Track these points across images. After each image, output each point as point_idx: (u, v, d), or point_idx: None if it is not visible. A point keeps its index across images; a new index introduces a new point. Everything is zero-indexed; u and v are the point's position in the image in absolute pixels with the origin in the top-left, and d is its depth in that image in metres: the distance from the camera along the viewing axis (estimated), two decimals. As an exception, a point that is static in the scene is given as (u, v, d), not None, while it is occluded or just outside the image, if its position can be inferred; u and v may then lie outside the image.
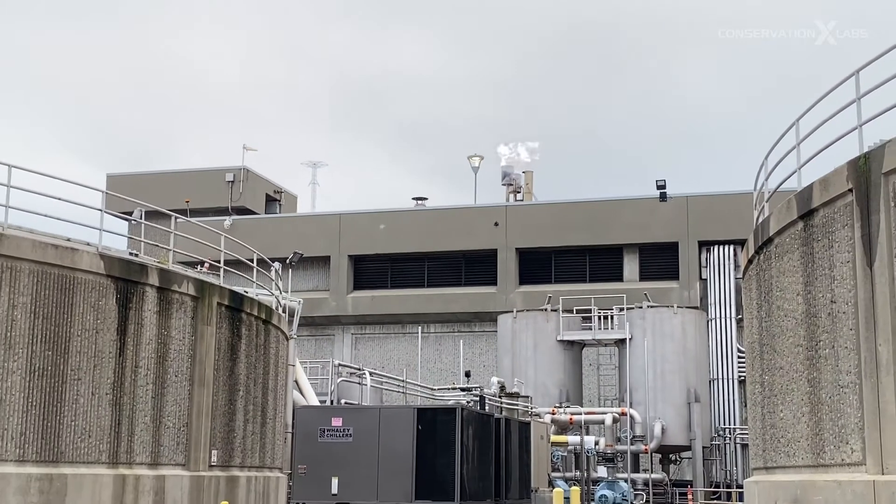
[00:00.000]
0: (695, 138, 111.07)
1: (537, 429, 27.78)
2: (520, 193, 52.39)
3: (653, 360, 38.92)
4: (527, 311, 42.56)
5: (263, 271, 21.83)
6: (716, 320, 44.07)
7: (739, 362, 42.30)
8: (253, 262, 20.54)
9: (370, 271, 50.95)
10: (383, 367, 44.32)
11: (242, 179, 53.46)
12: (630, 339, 39.86)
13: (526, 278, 48.47)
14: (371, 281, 50.75)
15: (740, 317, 40.71)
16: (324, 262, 50.50)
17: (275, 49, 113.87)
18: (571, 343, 41.49)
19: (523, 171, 52.84)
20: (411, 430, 15.01)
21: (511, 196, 52.29)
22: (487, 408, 29.27)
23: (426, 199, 54.49)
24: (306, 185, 61.18)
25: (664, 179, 44.85)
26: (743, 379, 40.41)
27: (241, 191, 53.41)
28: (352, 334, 50.54)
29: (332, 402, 27.75)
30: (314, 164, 60.16)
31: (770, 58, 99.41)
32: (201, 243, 19.95)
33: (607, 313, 40.97)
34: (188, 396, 16.55)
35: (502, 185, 52.82)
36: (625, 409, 37.79)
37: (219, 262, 19.14)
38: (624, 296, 41.37)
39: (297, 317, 23.59)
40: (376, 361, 47.03)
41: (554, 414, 35.72)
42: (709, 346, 42.83)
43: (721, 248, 44.96)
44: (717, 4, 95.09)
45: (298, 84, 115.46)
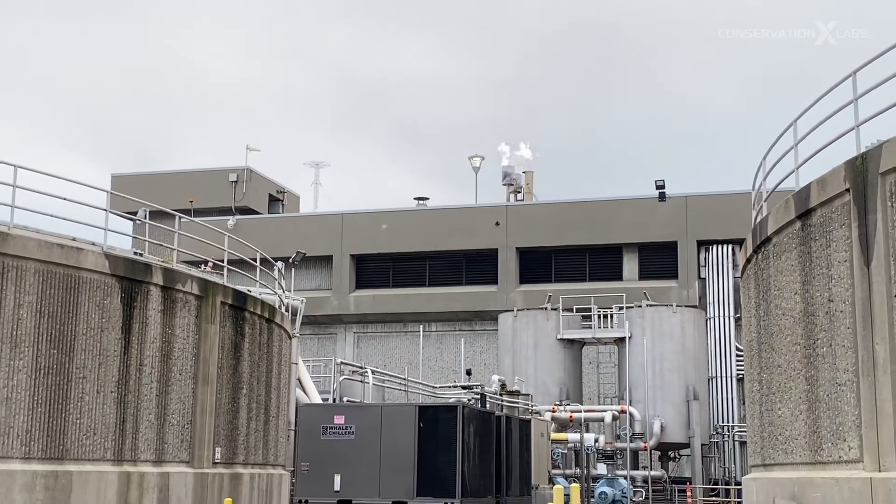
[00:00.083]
0: (694, 138, 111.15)
1: (538, 426, 27.83)
2: (520, 193, 52.42)
3: (652, 359, 39.01)
4: (527, 309, 42.61)
5: (266, 270, 21.88)
6: (714, 319, 44.14)
7: (738, 360, 42.37)
8: (256, 262, 20.64)
9: (372, 270, 51.03)
10: (385, 366, 44.34)
11: (246, 180, 53.51)
12: (629, 338, 39.93)
13: (526, 277, 48.54)
14: (373, 280, 50.82)
15: (739, 315, 40.93)
16: (326, 261, 50.58)
17: (276, 50, 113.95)
18: (571, 341, 41.56)
19: (524, 171, 52.87)
20: (413, 428, 15.08)
21: (511, 196, 52.33)
22: (488, 406, 29.38)
23: (427, 199, 54.55)
24: (309, 186, 61.40)
25: (663, 179, 44.96)
26: (741, 377, 40.45)
27: (245, 191, 53.47)
28: (354, 333, 50.62)
29: (334, 400, 27.71)
30: (316, 164, 60.26)
31: (770, 58, 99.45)
32: (205, 243, 20.05)
33: (607, 312, 41.03)
34: (192, 394, 16.61)
35: (503, 185, 52.89)
36: (624, 407, 37.82)
37: (222, 261, 19.24)
38: (623, 295, 41.44)
39: (299, 315, 23.65)
40: (378, 360, 47.10)
41: (554, 412, 35.77)
42: (707, 345, 42.88)
43: (719, 247, 45.03)
44: (717, 4, 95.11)
45: (300, 85, 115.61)
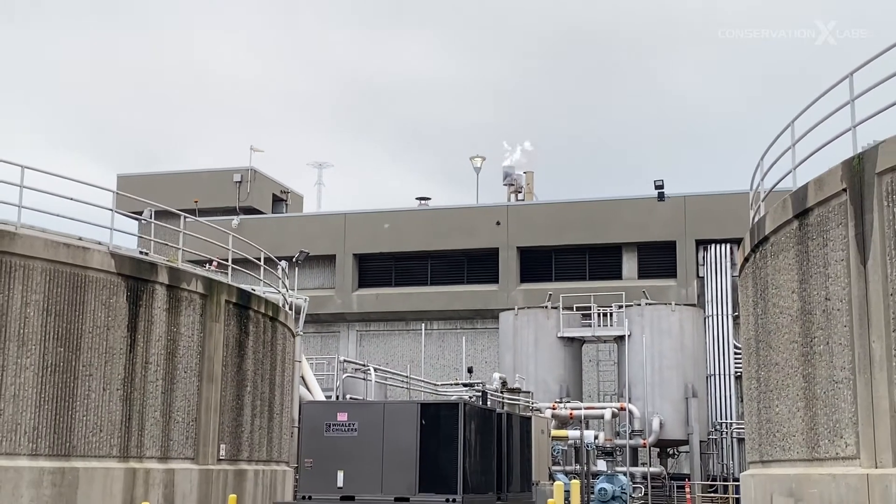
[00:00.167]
0: (694, 138, 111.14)
1: (538, 423, 27.89)
2: (521, 193, 52.55)
3: (651, 357, 39.14)
4: (528, 308, 42.72)
5: (270, 270, 21.99)
6: (713, 317, 44.25)
7: (736, 358, 42.48)
8: (260, 261, 20.77)
9: (374, 270, 51.17)
10: (387, 364, 44.42)
11: (250, 180, 53.64)
12: (629, 336, 40.06)
13: (527, 276, 48.69)
14: (375, 279, 50.96)
15: (737, 314, 41.01)
16: (329, 260, 50.73)
17: (279, 50, 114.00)
18: (571, 340, 41.70)
19: (524, 172, 53.00)
20: (415, 425, 15.11)
21: (512, 196, 52.46)
22: (489, 403, 29.56)
23: (429, 199, 54.69)
24: (312, 186, 61.28)
25: (662, 179, 45.12)
26: (739, 375, 40.61)
27: (249, 191, 53.60)
28: (357, 331, 50.77)
29: (337, 398, 27.81)
30: (320, 164, 60.39)
31: (770, 58, 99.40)
32: (210, 242, 20.19)
33: (606, 310, 41.14)
34: (197, 392, 16.73)
35: (503, 185, 53.03)
36: (624, 405, 37.92)
37: (227, 260, 19.38)
38: (623, 293, 41.57)
39: (303, 314, 23.79)
40: (381, 358, 47.21)
41: (554, 409, 35.88)
42: (706, 343, 42.98)
43: (718, 246, 45.16)
44: (716, 4, 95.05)
45: (303, 86, 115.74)
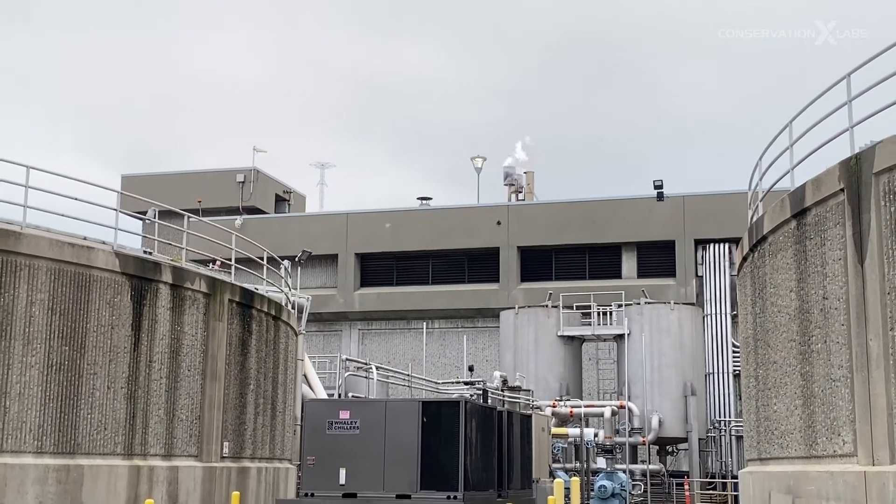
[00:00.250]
0: (694, 138, 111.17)
1: (538, 421, 27.93)
2: (521, 193, 52.66)
3: (650, 355, 39.26)
4: (528, 307, 42.83)
5: (273, 269, 22.09)
6: (711, 316, 44.33)
7: (734, 357, 42.57)
8: (263, 260, 20.83)
9: (376, 269, 51.28)
10: (389, 362, 44.51)
11: (253, 180, 53.75)
12: (628, 335, 40.17)
13: (527, 275, 48.81)
14: (377, 278, 51.08)
15: (735, 313, 41.05)
16: (331, 260, 50.85)
17: (281, 52, 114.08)
18: (571, 338, 41.81)
19: (524, 172, 53.13)
20: (416, 423, 15.21)
21: (513, 196, 52.56)
22: (490, 401, 29.65)
23: (430, 199, 54.75)
24: (314, 186, 61.44)
25: (661, 180, 45.28)
26: (738, 373, 40.71)
27: (252, 191, 53.71)
28: (359, 330, 50.89)
29: (339, 396, 27.90)
30: (322, 165, 60.51)
31: (770, 58, 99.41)
32: (213, 242, 20.29)
33: (606, 309, 41.25)
34: (200, 390, 16.83)
35: (504, 185, 53.15)
36: (623, 403, 38.01)
37: (230, 260, 19.48)
38: (622, 292, 41.71)
39: (305, 313, 23.83)
40: (382, 356, 47.29)
41: (555, 407, 35.97)
42: (705, 341, 43.10)
43: (716, 246, 45.26)
44: (716, 4, 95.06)
45: (306, 87, 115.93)
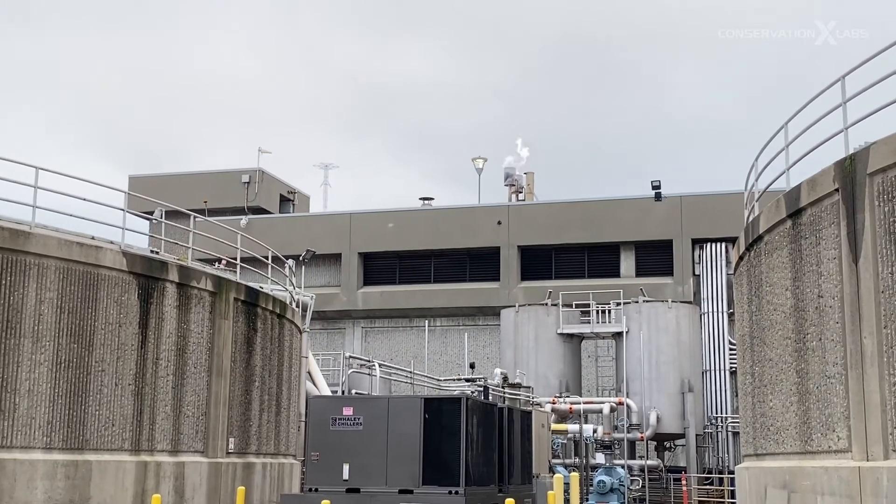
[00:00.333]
0: (692, 138, 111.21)
1: (538, 417, 28.03)
2: (521, 194, 52.78)
3: (648, 353, 39.43)
4: (528, 305, 42.95)
5: (278, 268, 22.21)
6: (708, 314, 44.46)
7: (731, 354, 42.67)
8: (268, 260, 20.98)
9: (379, 268, 51.42)
10: (392, 359, 44.56)
11: (258, 181, 53.83)
12: (627, 332, 40.31)
13: (527, 274, 48.96)
14: (380, 277, 51.20)
15: (732, 311, 41.18)
16: (335, 259, 50.98)
17: (282, 53, 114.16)
18: (571, 336, 41.97)
19: (525, 173, 53.28)
20: (418, 419, 15.40)
21: (513, 196, 52.65)
22: (491, 398, 29.84)
23: (432, 199, 54.86)
24: (318, 186, 61.82)
25: (659, 180, 45.32)
26: (734, 370, 40.77)
27: (257, 191, 53.81)
28: (362, 328, 51.05)
29: (343, 393, 28.04)
30: (326, 165, 60.70)
31: (770, 58, 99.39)
32: (219, 241, 20.49)
33: (605, 307, 41.34)
34: (206, 387, 16.98)
35: (505, 185, 53.30)
36: (622, 399, 38.10)
37: (235, 259, 19.64)
38: (621, 291, 41.87)
39: (309, 311, 23.90)
40: (385, 354, 47.37)
41: (554, 403, 36.09)
42: (702, 339, 43.18)
43: (713, 245, 45.38)
44: (716, 4, 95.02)
45: (309, 88, 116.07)
